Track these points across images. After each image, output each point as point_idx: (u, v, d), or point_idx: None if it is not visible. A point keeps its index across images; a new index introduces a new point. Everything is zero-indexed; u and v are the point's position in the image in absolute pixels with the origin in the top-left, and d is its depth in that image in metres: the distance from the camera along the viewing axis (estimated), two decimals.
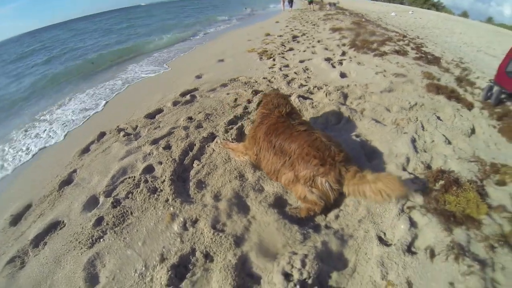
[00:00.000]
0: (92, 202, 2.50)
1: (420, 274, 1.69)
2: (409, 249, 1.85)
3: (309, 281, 1.64)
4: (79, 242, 2.10)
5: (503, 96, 4.49)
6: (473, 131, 3.31)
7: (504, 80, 4.38)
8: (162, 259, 1.87)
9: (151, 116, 4.05)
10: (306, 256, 1.74)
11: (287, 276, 1.66)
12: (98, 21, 43.06)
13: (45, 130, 4.55)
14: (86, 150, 3.47)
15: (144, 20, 29.42)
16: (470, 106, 3.97)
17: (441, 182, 2.31)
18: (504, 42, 12.66)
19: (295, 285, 1.60)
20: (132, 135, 3.52)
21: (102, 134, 3.73)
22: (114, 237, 2.09)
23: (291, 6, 24.38)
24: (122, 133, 3.56)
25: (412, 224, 1.99)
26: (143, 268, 1.85)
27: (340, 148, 2.22)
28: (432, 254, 1.79)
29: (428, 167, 2.60)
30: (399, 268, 1.72)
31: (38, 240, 2.23)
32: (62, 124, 4.62)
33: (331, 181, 2.05)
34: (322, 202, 2.12)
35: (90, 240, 2.09)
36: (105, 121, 4.37)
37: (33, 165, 3.62)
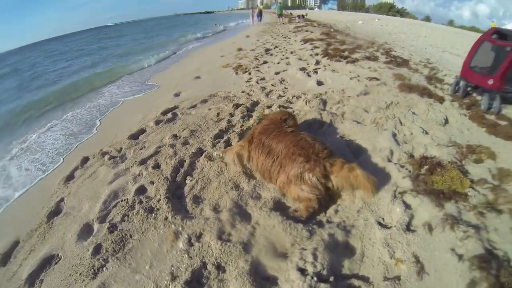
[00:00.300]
0: (86, 231, 2.51)
1: (424, 247, 1.97)
2: (409, 228, 2.12)
3: (324, 272, 1.82)
4: (80, 274, 2.09)
5: (469, 89, 5.22)
6: (446, 121, 3.80)
7: (468, 74, 5.10)
8: (173, 277, 1.94)
9: (134, 137, 4.13)
10: (316, 249, 1.94)
11: (302, 271, 1.83)
12: (70, 42, 42.91)
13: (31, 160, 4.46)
14: (70, 177, 3.47)
15: (116, 41, 29.58)
16: (441, 100, 4.55)
17: (426, 167, 2.68)
18: (465, 41, 14.25)
19: (312, 277, 1.77)
20: (118, 158, 3.58)
21: (86, 159, 3.75)
22: (118, 264, 2.13)
23: (260, 20, 25.98)
24: (107, 157, 3.62)
25: (407, 206, 2.29)
26: None
27: (324, 145, 2.48)
28: (430, 228, 2.08)
29: (411, 156, 2.97)
30: (403, 245, 1.98)
31: (33, 279, 2.19)
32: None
33: (317, 176, 2.30)
34: (315, 195, 2.33)
35: (92, 270, 2.10)
36: (86, 145, 4.44)
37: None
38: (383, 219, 2.27)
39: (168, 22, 61.83)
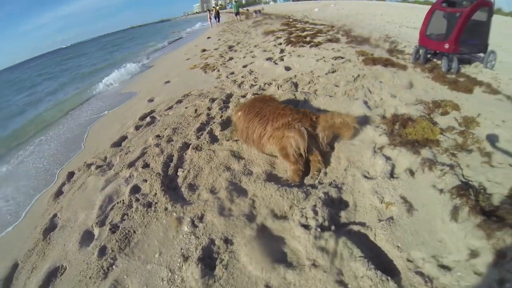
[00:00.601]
0: (87, 237, 2.58)
1: (409, 189, 2.24)
2: (392, 175, 2.40)
3: (325, 224, 2.05)
4: (90, 278, 2.16)
5: (429, 55, 5.79)
6: (411, 84, 4.20)
7: (426, 42, 5.66)
8: (185, 258, 2.08)
9: (117, 144, 4.21)
10: (315, 206, 2.16)
11: (306, 227, 2.04)
12: (27, 69, 40.76)
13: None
14: (59, 193, 3.49)
15: (76, 61, 28.46)
16: (404, 68, 4.99)
17: (398, 123, 2.99)
18: (420, 15, 15.25)
19: (316, 229, 1.98)
20: (105, 166, 3.65)
21: (71, 174, 3.78)
22: (127, 260, 2.23)
23: (218, 21, 26.27)
24: (93, 167, 3.67)
25: (387, 158, 2.58)
26: (170, 274, 2.03)
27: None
28: (412, 173, 2.37)
29: (384, 117, 3.30)
30: (390, 190, 2.24)
31: None
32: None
33: (305, 125, 2.63)
34: (302, 158, 2.67)
35: (102, 271, 2.18)
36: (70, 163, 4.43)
37: None
38: (368, 172, 2.55)
39: (125, 35, 60.26)
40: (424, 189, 2.25)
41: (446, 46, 5.14)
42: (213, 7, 31.22)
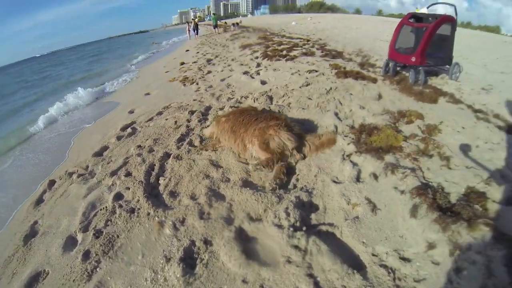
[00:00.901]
0: (70, 243, 2.69)
1: (373, 191, 2.55)
2: (358, 180, 2.70)
3: (297, 224, 2.30)
4: (73, 281, 2.28)
5: (398, 68, 6.35)
6: (380, 96, 4.59)
7: (395, 55, 6.21)
8: (168, 259, 2.26)
9: (98, 154, 4.35)
10: (287, 208, 2.42)
11: (279, 227, 2.28)
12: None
13: None
14: (40, 200, 3.58)
15: (54, 70, 27.43)
16: (374, 81, 5.44)
17: (365, 132, 3.34)
18: (393, 29, 16.53)
19: (288, 229, 2.23)
20: (87, 174, 3.78)
21: (52, 182, 3.87)
22: (111, 262, 2.37)
23: (196, 33, 27.01)
24: (74, 175, 3.78)
25: (354, 164, 2.90)
26: (153, 274, 2.19)
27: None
28: (376, 176, 2.68)
29: (352, 127, 3.66)
30: (356, 193, 2.54)
31: None
32: None
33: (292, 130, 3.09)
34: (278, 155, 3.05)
35: (86, 273, 2.30)
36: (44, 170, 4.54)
37: None
38: (337, 177, 2.85)
39: (103, 46, 59.69)
40: (387, 191, 2.56)
41: (413, 59, 5.68)
42: (192, 19, 32.04)
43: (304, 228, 2.31)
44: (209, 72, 8.81)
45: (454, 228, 2.09)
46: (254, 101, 5.11)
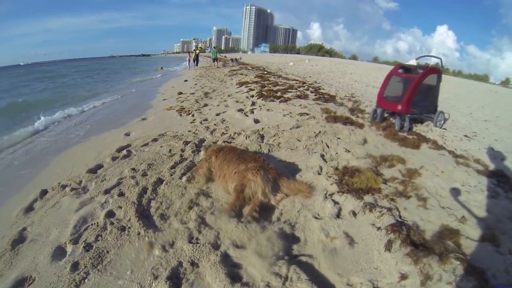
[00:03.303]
0: (59, 253, 2.82)
1: (351, 227, 2.89)
2: (338, 216, 3.03)
3: (280, 253, 2.58)
4: None
5: (386, 115, 6.89)
6: (365, 141, 5.05)
7: (383, 103, 6.79)
8: (155, 277, 2.46)
9: (93, 171, 4.53)
10: (270, 237, 2.71)
11: (262, 256, 2.55)
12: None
13: None
14: (30, 208, 3.71)
15: (38, 86, 25.17)
16: (361, 126, 5.93)
17: (347, 174, 3.73)
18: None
19: (271, 258, 2.51)
20: (80, 189, 3.95)
21: (44, 192, 4.01)
22: (99, 275, 2.53)
23: (196, 64, 27.96)
24: (68, 188, 3.96)
25: (335, 202, 3.24)
26: None
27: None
28: (354, 214, 3.04)
29: (336, 169, 4.03)
30: (335, 228, 2.86)
31: None
32: None
33: (271, 174, 3.38)
34: (249, 197, 3.34)
35: (73, 283, 2.43)
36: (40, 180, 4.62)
37: None
38: (318, 214, 3.17)
39: (106, 65, 60.50)
40: (364, 227, 2.90)
41: (399, 107, 6.23)
42: (193, 50, 33.39)
43: (286, 258, 2.58)
44: (205, 105, 9.25)
45: (425, 261, 2.42)
46: (246, 138, 5.48)
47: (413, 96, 6.24)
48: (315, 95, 9.56)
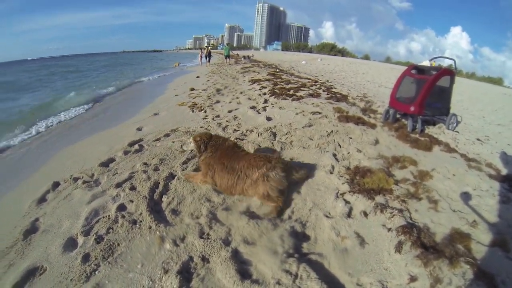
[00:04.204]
0: (71, 244, 2.86)
1: (362, 227, 2.88)
2: (349, 216, 3.03)
3: (291, 251, 2.59)
4: (71, 280, 2.44)
5: (398, 115, 6.82)
6: (377, 141, 5.00)
7: (395, 104, 6.71)
8: (166, 271, 2.47)
9: (105, 164, 4.58)
10: (282, 236, 2.73)
11: (274, 253, 2.56)
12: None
13: None
14: (42, 199, 3.76)
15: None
16: (374, 126, 5.89)
17: (359, 174, 3.71)
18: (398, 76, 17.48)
19: (281, 255, 2.53)
20: (92, 182, 4.00)
21: (56, 184, 4.06)
22: (110, 267, 2.57)
23: (208, 61, 28.04)
24: (80, 181, 4.00)
25: (346, 202, 3.24)
26: (150, 283, 2.40)
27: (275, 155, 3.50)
28: (366, 214, 3.02)
29: (348, 168, 4.01)
30: (346, 227, 2.85)
31: None
32: None
33: (279, 172, 3.24)
34: (281, 197, 3.25)
35: (84, 274, 2.47)
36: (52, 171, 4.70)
37: None
38: (329, 213, 3.17)
39: (117, 60, 62.20)
40: (375, 227, 2.90)
41: (412, 108, 6.16)
42: (206, 46, 33.55)
43: (296, 255, 2.59)
44: (217, 101, 9.26)
45: (435, 264, 2.41)
46: (259, 135, 5.49)
47: (426, 97, 6.15)
48: (327, 94, 9.50)
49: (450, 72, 6.56)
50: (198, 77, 17.46)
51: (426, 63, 7.16)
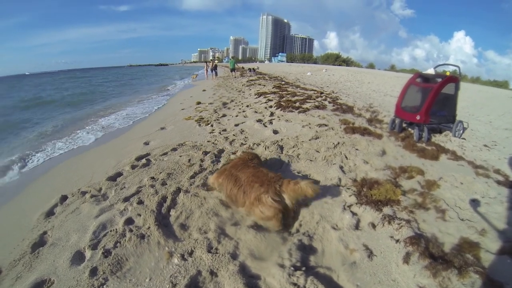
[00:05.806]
0: (78, 257, 2.89)
1: (370, 239, 2.88)
2: (357, 227, 3.03)
3: (298, 264, 2.59)
4: None
5: (405, 125, 6.83)
6: (384, 152, 5.01)
7: (401, 113, 6.73)
8: (174, 285, 2.51)
9: (112, 179, 4.64)
10: (290, 249, 2.73)
11: (281, 266, 2.57)
12: None
13: None
14: (50, 213, 3.83)
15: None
16: (380, 137, 5.90)
17: (366, 185, 3.71)
18: (403, 84, 17.46)
19: (289, 268, 2.52)
20: (100, 196, 4.06)
21: (64, 197, 4.14)
22: (118, 281, 2.59)
23: (216, 74, 28.43)
24: (87, 195, 4.06)
25: (354, 214, 3.24)
26: None
27: (275, 174, 3.38)
28: (373, 226, 3.02)
29: (355, 180, 4.01)
30: (354, 239, 2.86)
31: None
32: None
33: (271, 195, 3.12)
34: (274, 213, 3.10)
35: None
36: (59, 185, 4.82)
37: None
38: (336, 225, 3.17)
39: (124, 75, 63.03)
40: (383, 239, 2.89)
41: (418, 117, 6.17)
42: (211, 59, 34.00)
43: (303, 269, 2.59)
44: (224, 115, 9.35)
45: (444, 274, 2.40)
46: (266, 148, 5.53)
47: (432, 106, 6.16)
48: (333, 106, 9.55)
49: (455, 79, 6.57)
50: (204, 90, 17.76)
51: (430, 71, 7.18)
